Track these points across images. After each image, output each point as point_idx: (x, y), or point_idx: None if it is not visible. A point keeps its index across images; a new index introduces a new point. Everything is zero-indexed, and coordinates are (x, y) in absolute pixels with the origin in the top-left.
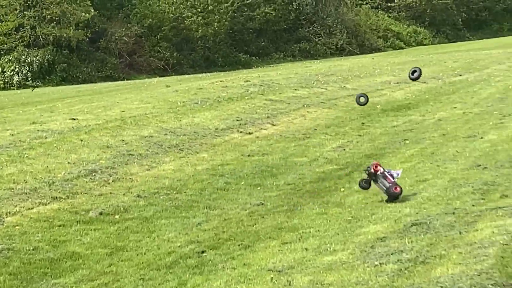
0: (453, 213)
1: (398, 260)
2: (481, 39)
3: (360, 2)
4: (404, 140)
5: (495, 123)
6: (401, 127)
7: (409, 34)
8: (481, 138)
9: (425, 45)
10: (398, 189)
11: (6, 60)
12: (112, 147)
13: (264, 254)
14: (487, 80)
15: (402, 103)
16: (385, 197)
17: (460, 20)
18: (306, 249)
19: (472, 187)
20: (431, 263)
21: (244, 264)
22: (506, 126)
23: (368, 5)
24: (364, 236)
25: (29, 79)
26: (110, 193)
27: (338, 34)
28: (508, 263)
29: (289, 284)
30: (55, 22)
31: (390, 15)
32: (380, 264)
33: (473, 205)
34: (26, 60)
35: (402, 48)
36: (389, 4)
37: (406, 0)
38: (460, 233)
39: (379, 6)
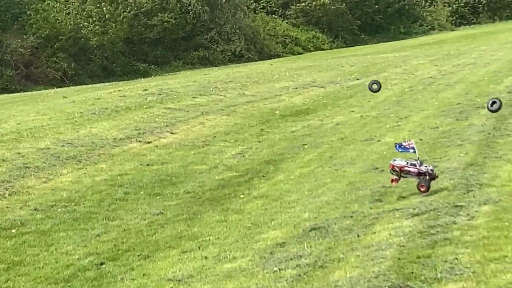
0: (351, 216)
1: (297, 265)
2: (378, 42)
3: (255, 7)
4: (303, 145)
5: (392, 125)
6: (300, 132)
7: (308, 40)
8: (379, 141)
9: (324, 50)
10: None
11: None
12: (7, 160)
13: (164, 263)
14: (384, 83)
15: (301, 108)
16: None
17: (356, 24)
18: (206, 257)
19: (370, 190)
20: (329, 267)
21: (143, 274)
22: (403, 129)
23: (264, 10)
24: (264, 242)
25: None
26: (6, 207)
27: (236, 41)
28: (405, 265)
29: None
30: None
31: (288, 21)
32: (280, 269)
33: (370, 208)
34: None
35: (300, 53)
36: (285, 12)
37: (301, 5)
38: (358, 236)
39: (276, 12)
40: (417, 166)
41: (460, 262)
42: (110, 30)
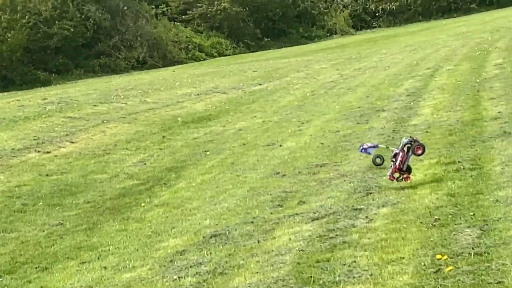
0: (252, 222)
1: (197, 273)
2: (281, 47)
3: (156, 12)
4: (205, 151)
5: (294, 130)
6: (202, 138)
7: (211, 45)
8: (280, 146)
9: (227, 55)
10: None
11: None
12: None
13: (62, 275)
14: (286, 88)
15: (203, 114)
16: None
17: (258, 29)
18: (105, 267)
19: (271, 195)
20: (229, 273)
21: (41, 287)
22: (304, 133)
23: (165, 16)
24: (164, 251)
25: None
26: None
27: (139, 48)
28: (304, 269)
29: None
30: None
31: (191, 27)
32: (179, 278)
33: (271, 213)
34: None
35: (203, 59)
36: (183, 16)
37: (198, 10)
38: (259, 241)
39: (177, 19)
40: (397, 150)
41: (358, 265)
42: (8, 39)
